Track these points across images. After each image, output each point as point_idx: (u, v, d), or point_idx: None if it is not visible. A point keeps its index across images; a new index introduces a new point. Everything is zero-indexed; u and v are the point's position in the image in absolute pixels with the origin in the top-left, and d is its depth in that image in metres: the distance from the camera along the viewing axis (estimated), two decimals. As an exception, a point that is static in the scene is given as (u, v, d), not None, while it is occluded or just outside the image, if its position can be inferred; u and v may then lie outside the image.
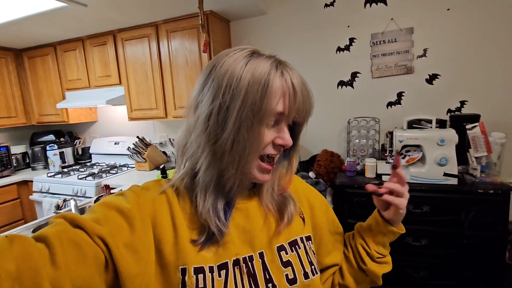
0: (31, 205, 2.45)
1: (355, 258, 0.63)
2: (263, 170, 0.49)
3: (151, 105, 2.19)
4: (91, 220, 0.40)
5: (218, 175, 0.48)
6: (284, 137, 0.48)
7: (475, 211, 1.31)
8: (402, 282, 1.49)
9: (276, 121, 0.47)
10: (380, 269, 0.61)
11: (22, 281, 0.30)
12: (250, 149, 0.45)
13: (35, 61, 2.59)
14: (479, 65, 1.65)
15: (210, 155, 0.47)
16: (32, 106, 2.70)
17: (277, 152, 0.49)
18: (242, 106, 0.43)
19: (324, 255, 0.62)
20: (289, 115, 0.47)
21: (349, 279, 0.63)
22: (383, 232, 0.60)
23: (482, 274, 1.36)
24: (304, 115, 0.49)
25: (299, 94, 0.46)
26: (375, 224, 0.61)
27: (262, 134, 0.45)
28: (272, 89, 0.44)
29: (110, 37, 2.22)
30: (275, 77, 0.44)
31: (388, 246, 0.62)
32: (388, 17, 1.78)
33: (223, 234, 0.47)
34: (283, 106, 0.46)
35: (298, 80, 0.47)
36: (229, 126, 0.44)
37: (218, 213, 0.48)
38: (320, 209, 0.63)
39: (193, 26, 1.93)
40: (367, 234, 0.63)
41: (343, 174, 1.69)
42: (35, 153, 2.73)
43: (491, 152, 1.40)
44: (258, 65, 0.45)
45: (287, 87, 0.46)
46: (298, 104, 0.46)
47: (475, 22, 1.63)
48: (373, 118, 1.84)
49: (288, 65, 0.48)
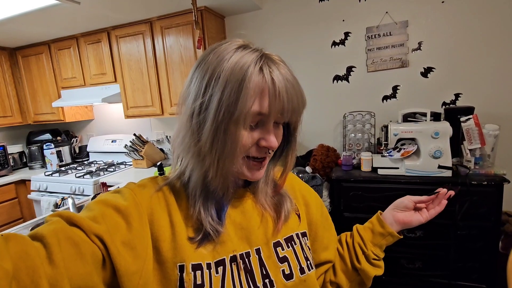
0: (30, 204, 2.46)
1: (350, 257, 0.64)
2: (252, 168, 0.48)
3: (147, 102, 2.19)
4: (88, 218, 0.39)
5: (204, 176, 0.47)
6: (268, 139, 0.45)
7: (469, 202, 1.33)
8: (397, 273, 1.51)
9: (261, 122, 0.45)
10: (372, 271, 0.62)
11: (20, 280, 0.30)
12: (229, 152, 0.43)
13: (29, 60, 2.57)
14: (473, 58, 1.65)
15: (195, 156, 0.46)
16: (27, 105, 2.69)
17: (262, 155, 0.47)
18: (219, 107, 0.41)
19: (319, 251, 0.62)
20: (272, 116, 0.43)
21: (341, 277, 0.64)
22: (383, 234, 0.63)
23: (475, 264, 1.39)
24: (291, 115, 0.45)
25: (282, 92, 0.42)
26: (377, 225, 0.64)
27: (240, 136, 0.43)
28: (248, 88, 0.41)
29: (104, 35, 2.21)
30: (253, 74, 0.41)
31: (383, 250, 0.64)
32: (383, 10, 1.77)
33: (219, 233, 0.47)
34: (260, 106, 0.42)
35: (281, 77, 0.43)
36: (207, 127, 0.43)
37: (210, 213, 0.48)
38: (315, 206, 0.64)
39: (187, 22, 1.92)
40: (366, 234, 0.64)
41: (339, 168, 1.70)
42: (32, 152, 2.73)
43: (485, 144, 1.42)
44: (239, 61, 0.42)
45: (266, 85, 0.42)
46: (282, 104, 0.43)
47: (469, 15, 1.63)
48: (369, 112, 1.85)
49: (274, 59, 0.45)
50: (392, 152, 1.53)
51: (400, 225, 0.64)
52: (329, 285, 0.65)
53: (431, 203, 0.65)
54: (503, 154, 1.57)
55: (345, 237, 0.68)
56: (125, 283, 0.39)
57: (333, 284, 0.65)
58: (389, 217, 0.65)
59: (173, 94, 2.09)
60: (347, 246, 0.66)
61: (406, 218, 0.63)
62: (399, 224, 0.64)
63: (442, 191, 0.64)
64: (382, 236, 0.63)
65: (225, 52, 0.44)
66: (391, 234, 0.63)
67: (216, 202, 0.49)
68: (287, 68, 0.45)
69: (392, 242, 0.64)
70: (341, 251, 0.66)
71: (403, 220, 0.63)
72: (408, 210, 0.65)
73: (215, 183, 0.46)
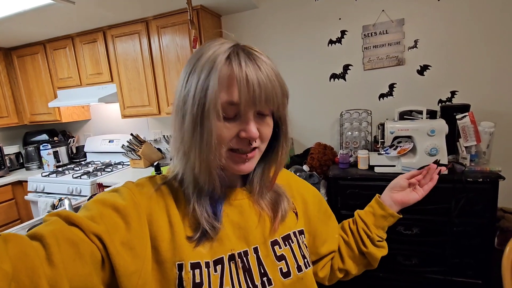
0: (27, 205, 2.45)
1: (356, 242, 0.67)
2: (236, 161, 0.47)
3: (144, 102, 2.18)
4: (86, 217, 0.39)
5: (193, 174, 0.47)
6: (247, 129, 0.44)
7: (465, 199, 1.34)
8: (394, 270, 1.52)
9: (239, 113, 0.44)
10: (379, 252, 0.66)
11: (19, 281, 0.30)
12: (207, 145, 0.43)
13: (24, 60, 2.55)
14: (469, 55, 1.66)
15: (182, 153, 0.47)
16: (23, 105, 2.68)
17: (244, 147, 0.46)
18: (194, 100, 0.43)
19: (319, 245, 0.64)
20: (243, 105, 0.43)
21: (349, 263, 0.67)
22: (385, 216, 0.66)
23: (471, 260, 1.40)
24: (265, 104, 0.44)
25: (251, 80, 0.41)
26: (377, 208, 0.67)
27: (215, 128, 0.42)
28: (216, 78, 0.41)
29: (100, 34, 2.19)
30: (220, 64, 0.42)
31: (386, 231, 0.68)
32: (379, 8, 1.78)
33: (217, 230, 0.47)
34: (229, 95, 0.42)
35: (251, 65, 0.42)
36: (187, 122, 0.44)
37: (205, 209, 0.48)
38: (313, 202, 0.64)
39: (183, 22, 1.91)
40: (369, 218, 0.67)
41: (336, 167, 1.70)
42: (29, 153, 2.72)
43: (481, 141, 1.43)
44: (211, 54, 0.43)
45: (235, 74, 0.42)
46: (253, 92, 0.42)
47: (465, 13, 1.63)
48: (365, 110, 1.85)
49: (248, 49, 0.44)
50: (389, 150, 1.54)
51: (398, 205, 0.67)
52: (338, 273, 0.68)
53: (423, 179, 0.67)
54: (498, 151, 1.58)
55: (348, 224, 0.70)
56: (124, 283, 0.39)
57: (342, 271, 0.68)
58: (387, 199, 0.68)
59: (170, 94, 2.09)
60: (352, 233, 0.68)
61: (404, 198, 0.67)
62: (397, 204, 0.67)
63: (432, 165, 0.67)
64: (384, 218, 0.66)
65: (205, 48, 0.45)
66: (392, 215, 0.66)
67: (210, 198, 0.49)
68: (263, 58, 0.45)
69: (393, 222, 0.67)
70: (346, 238, 0.69)
71: (401, 200, 0.67)
72: (403, 189, 0.68)
73: (202, 178, 0.46)
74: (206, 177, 0.46)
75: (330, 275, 0.68)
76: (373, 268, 0.68)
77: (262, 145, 0.49)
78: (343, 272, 0.68)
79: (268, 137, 0.49)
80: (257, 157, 0.50)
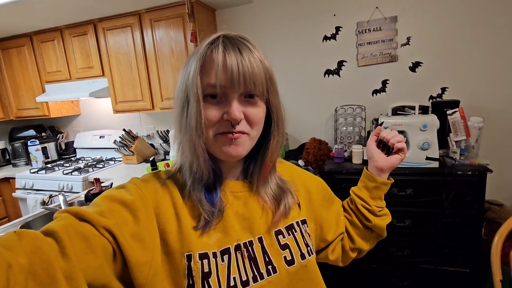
0: (15, 202, 2.37)
1: (359, 220, 0.68)
2: (223, 142, 0.47)
3: (137, 97, 2.14)
4: (96, 213, 0.40)
5: (189, 161, 0.49)
6: (228, 111, 0.45)
7: (455, 191, 1.39)
8: (387, 261, 1.57)
9: (222, 97, 0.46)
10: (383, 222, 0.68)
11: (36, 274, 0.31)
12: (193, 127, 0.45)
13: (10, 52, 2.45)
14: (459, 53, 1.71)
15: (178, 142, 0.50)
16: (9, 100, 2.58)
17: (227, 129, 0.46)
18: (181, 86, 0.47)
19: (326, 232, 0.66)
20: (219, 85, 0.44)
21: (359, 241, 0.69)
22: (377, 186, 0.67)
23: (460, 249, 1.46)
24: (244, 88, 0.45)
25: (229, 62, 0.43)
26: (367, 181, 0.68)
27: (197, 110, 0.44)
28: (197, 62, 0.45)
29: (90, 27, 2.13)
30: (203, 51, 0.45)
31: (383, 198, 0.69)
32: (373, 5, 1.80)
33: (215, 215, 0.48)
34: (208, 77, 0.45)
35: (231, 48, 0.44)
36: (176, 110, 0.48)
37: (200, 196, 0.49)
38: (317, 191, 0.66)
39: (178, 15, 1.89)
40: (363, 193, 0.68)
41: (331, 161, 1.73)
42: (16, 149, 2.63)
43: (470, 136, 1.48)
44: (199, 45, 0.47)
45: (214, 57, 0.44)
46: (231, 73, 0.43)
47: (456, 11, 1.68)
48: (359, 105, 1.89)
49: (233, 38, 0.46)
50: (383, 144, 1.57)
51: (386, 171, 0.68)
52: (351, 252, 0.70)
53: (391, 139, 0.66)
54: (487, 145, 1.65)
55: (347, 204, 0.72)
56: (136, 274, 0.40)
57: (354, 250, 0.70)
58: (373, 170, 0.69)
59: (163, 89, 2.06)
60: (353, 212, 0.70)
61: (387, 163, 0.67)
62: (384, 171, 0.67)
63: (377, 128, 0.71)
64: (377, 188, 0.67)
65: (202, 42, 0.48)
66: (383, 183, 0.67)
67: (207, 186, 0.51)
68: (249, 44, 0.46)
69: (387, 189, 0.68)
70: (350, 217, 0.70)
71: (386, 166, 0.67)
72: (381, 154, 0.68)
73: (194, 164, 0.48)
74: (195, 161, 0.48)
75: (343, 257, 0.70)
76: (383, 237, 0.70)
77: (252, 131, 0.49)
78: (356, 251, 0.70)
79: (257, 121, 0.49)
80: (248, 144, 0.49)
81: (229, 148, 0.47)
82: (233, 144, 0.47)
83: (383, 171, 0.67)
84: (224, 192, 0.52)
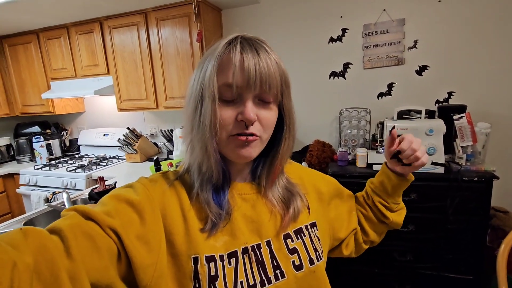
0: (18, 198, 2.39)
1: (375, 215, 0.68)
2: (236, 144, 0.47)
3: (141, 95, 2.15)
4: (102, 212, 0.40)
5: (199, 160, 0.48)
6: (243, 111, 0.45)
7: (460, 197, 1.38)
8: (389, 266, 1.55)
9: (237, 97, 0.46)
10: (400, 217, 0.68)
11: (40, 273, 0.31)
12: (206, 127, 0.44)
13: (16, 49, 2.47)
14: (467, 57, 1.69)
15: (189, 141, 0.49)
16: (15, 96, 2.60)
17: (241, 130, 0.46)
18: (197, 85, 0.46)
19: (338, 230, 0.65)
20: (236, 86, 0.44)
21: (372, 234, 0.69)
22: (396, 184, 0.65)
23: (464, 256, 1.44)
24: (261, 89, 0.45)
25: (247, 63, 0.43)
26: (387, 180, 0.66)
27: (212, 110, 0.44)
28: (214, 61, 0.44)
29: (96, 25, 2.14)
30: (221, 51, 0.45)
31: (401, 194, 0.68)
32: (381, 7, 1.79)
33: (222, 217, 0.48)
34: (225, 77, 0.44)
35: (249, 50, 0.44)
36: (190, 109, 0.47)
37: (208, 197, 0.49)
38: (328, 191, 0.65)
39: (184, 15, 1.88)
40: (381, 189, 0.67)
41: (335, 164, 1.72)
42: (20, 145, 2.65)
43: (477, 142, 1.46)
44: (215, 45, 0.46)
45: (231, 57, 0.44)
46: (248, 74, 0.43)
47: (465, 15, 1.66)
48: (364, 108, 1.87)
49: (251, 39, 0.46)
50: (387, 148, 1.56)
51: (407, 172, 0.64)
52: (364, 245, 0.70)
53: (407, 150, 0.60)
54: (494, 151, 1.63)
55: (363, 199, 0.71)
56: (141, 275, 0.40)
57: (367, 242, 0.70)
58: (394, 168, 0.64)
59: (168, 88, 2.06)
60: (370, 208, 0.69)
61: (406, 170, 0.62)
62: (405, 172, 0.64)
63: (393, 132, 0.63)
64: (397, 186, 0.65)
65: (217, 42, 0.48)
66: (404, 180, 0.64)
67: (213, 186, 0.50)
68: (266, 46, 0.47)
69: (407, 186, 0.65)
70: (365, 212, 0.70)
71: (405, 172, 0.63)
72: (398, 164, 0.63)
73: (204, 164, 0.48)
74: (204, 161, 0.47)
75: (356, 248, 0.70)
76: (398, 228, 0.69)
77: (264, 134, 0.48)
78: (368, 243, 0.70)
79: (269, 125, 0.49)
80: (259, 146, 0.49)
81: (243, 150, 0.47)
82: (246, 145, 0.47)
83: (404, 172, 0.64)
84: (232, 194, 0.52)
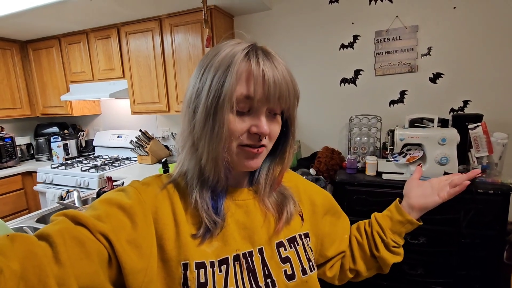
0: (35, 195, 2.49)
1: (369, 245, 0.66)
2: (246, 155, 0.47)
3: (154, 99, 2.20)
4: (93, 217, 0.39)
5: (199, 164, 0.48)
6: (258, 125, 0.45)
7: (474, 210, 1.32)
8: (399, 279, 1.50)
9: (252, 109, 0.45)
10: (391, 258, 0.64)
11: (27, 280, 0.30)
12: (218, 136, 0.44)
13: (39, 53, 2.60)
14: (483, 65, 1.63)
15: (190, 145, 0.48)
16: (36, 98, 2.73)
17: (255, 142, 0.46)
18: (209, 92, 0.44)
19: (327, 247, 0.64)
20: (257, 99, 0.44)
21: (360, 264, 0.66)
22: (402, 222, 0.64)
23: (478, 273, 1.37)
24: (278, 102, 0.45)
25: (267, 77, 0.43)
26: (395, 213, 0.65)
27: (227, 120, 0.43)
28: (234, 72, 0.42)
29: (114, 30, 2.23)
30: (239, 59, 0.43)
31: (403, 237, 0.65)
32: (393, 14, 1.76)
33: (218, 225, 0.47)
34: (246, 89, 0.43)
35: (268, 64, 0.44)
36: (199, 113, 0.45)
37: (206, 202, 0.48)
38: (322, 204, 0.64)
39: (196, 21, 1.93)
40: (385, 222, 0.65)
41: (343, 171, 1.69)
42: (40, 144, 2.77)
43: (493, 152, 1.40)
44: (229, 51, 0.44)
45: (252, 70, 0.43)
46: (268, 88, 0.43)
47: (480, 21, 1.61)
48: (375, 116, 1.84)
49: (265, 49, 0.46)
50: (398, 157, 1.52)
51: (417, 210, 0.64)
52: (349, 273, 0.67)
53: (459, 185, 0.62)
54: (511, 162, 1.55)
55: (363, 226, 0.69)
56: (130, 281, 0.40)
57: (352, 271, 0.67)
58: (405, 206, 0.65)
59: (179, 92, 2.10)
60: (366, 235, 0.67)
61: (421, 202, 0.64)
62: (416, 210, 0.64)
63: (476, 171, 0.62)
64: (401, 224, 0.64)
65: (221, 46, 0.47)
66: (410, 222, 0.64)
67: (212, 191, 0.49)
68: (279, 59, 0.46)
69: (411, 229, 0.64)
70: (360, 239, 0.68)
71: (418, 205, 0.64)
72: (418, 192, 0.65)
73: (208, 168, 0.47)
74: (212, 167, 0.46)
75: (340, 275, 0.68)
76: (384, 273, 0.66)
77: (269, 144, 0.49)
78: (354, 272, 0.67)
79: (276, 136, 0.50)
80: (264, 155, 0.50)
81: (252, 162, 0.48)
82: (256, 157, 0.48)
83: (414, 209, 0.64)
84: (227, 200, 0.51)
